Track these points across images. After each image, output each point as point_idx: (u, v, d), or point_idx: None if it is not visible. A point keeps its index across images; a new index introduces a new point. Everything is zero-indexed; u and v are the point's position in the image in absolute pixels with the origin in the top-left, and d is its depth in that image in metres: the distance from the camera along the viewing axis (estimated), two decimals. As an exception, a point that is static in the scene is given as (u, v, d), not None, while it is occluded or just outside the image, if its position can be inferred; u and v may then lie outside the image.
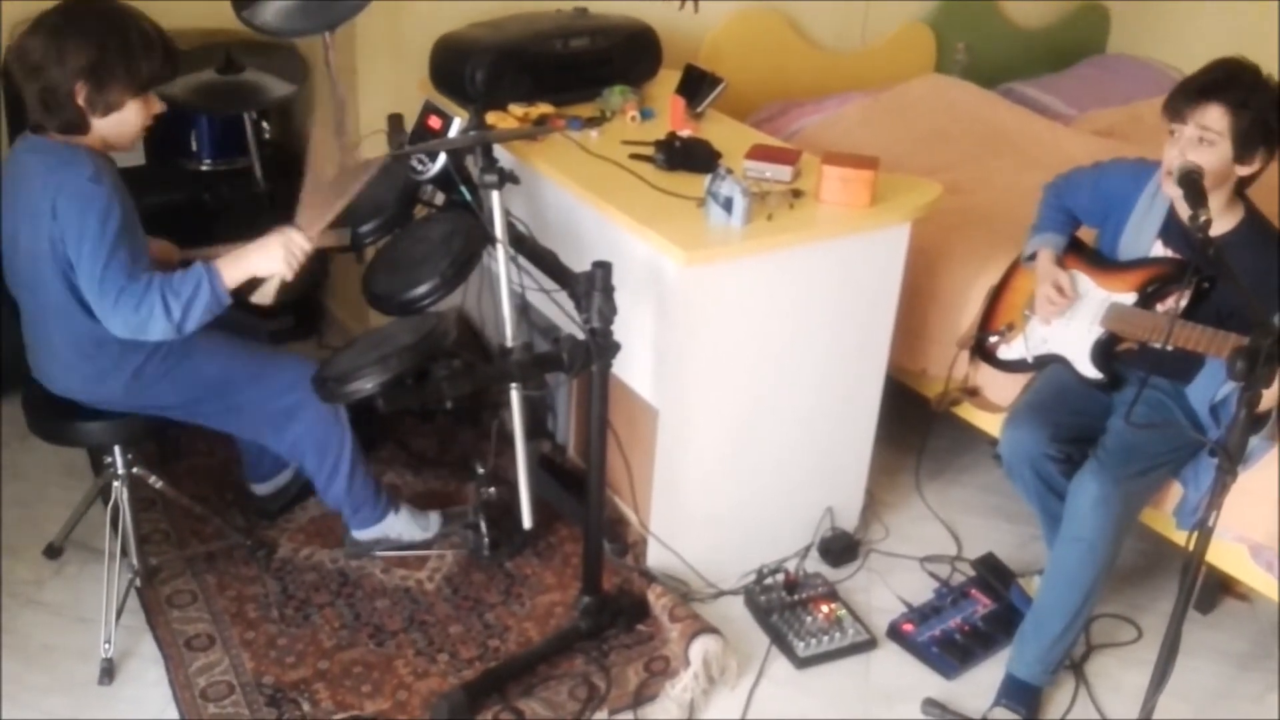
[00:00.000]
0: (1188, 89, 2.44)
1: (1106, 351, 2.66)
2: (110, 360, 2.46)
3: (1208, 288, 2.47)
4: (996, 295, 2.94)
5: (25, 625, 2.70)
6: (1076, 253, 2.76)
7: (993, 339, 2.89)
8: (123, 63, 2.32)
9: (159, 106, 2.45)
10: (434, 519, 2.99)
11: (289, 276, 2.42)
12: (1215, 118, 2.39)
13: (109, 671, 2.56)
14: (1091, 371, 2.67)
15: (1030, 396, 2.76)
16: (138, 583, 2.74)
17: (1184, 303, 2.46)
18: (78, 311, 2.39)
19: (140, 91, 2.37)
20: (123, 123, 2.38)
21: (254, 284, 2.43)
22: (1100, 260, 2.72)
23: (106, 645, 2.56)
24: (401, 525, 2.92)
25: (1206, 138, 2.40)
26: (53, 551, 2.89)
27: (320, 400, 2.59)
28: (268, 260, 2.39)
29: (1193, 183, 2.16)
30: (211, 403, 2.61)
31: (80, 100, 2.31)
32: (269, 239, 2.40)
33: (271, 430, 2.69)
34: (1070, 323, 2.71)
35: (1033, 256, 2.78)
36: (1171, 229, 2.58)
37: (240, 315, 2.86)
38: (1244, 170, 2.45)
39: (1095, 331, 2.66)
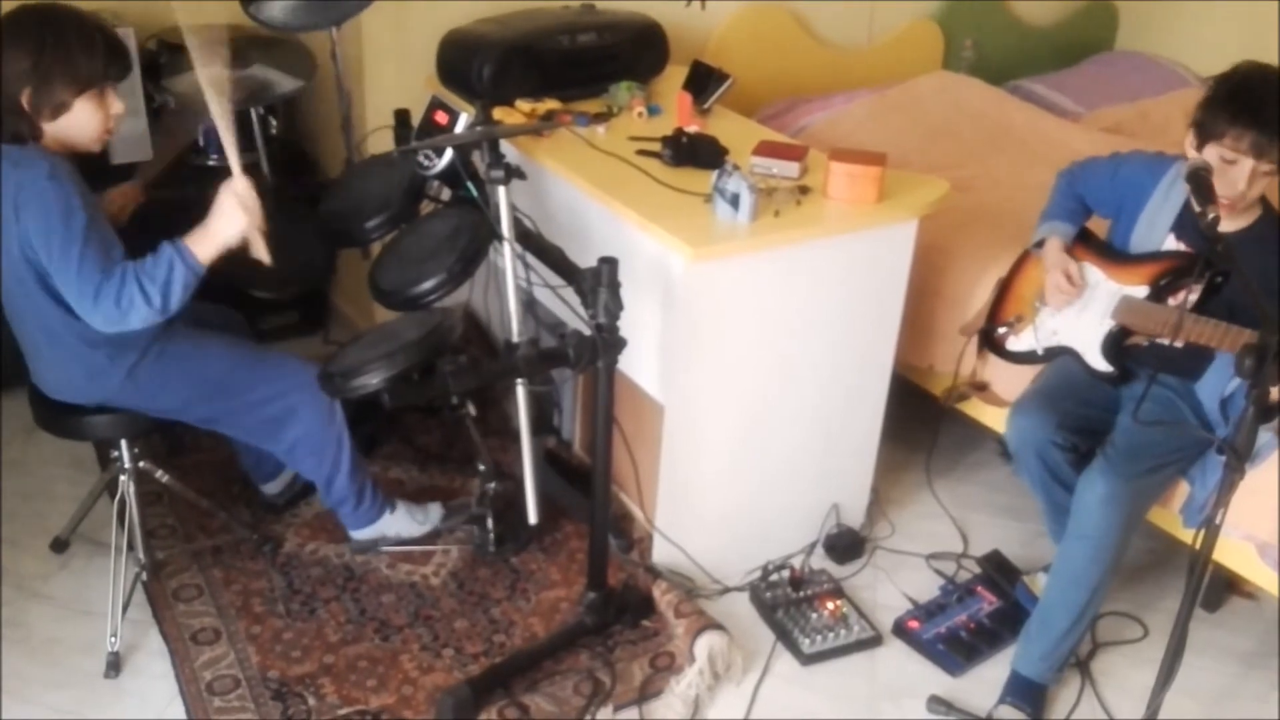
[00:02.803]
0: (1269, 128, 2.34)
1: (1117, 345, 2.65)
2: (103, 359, 2.46)
3: (1220, 282, 2.46)
4: (1005, 286, 2.94)
5: (31, 618, 2.70)
6: (1087, 244, 2.75)
7: (1001, 330, 2.89)
8: (61, 61, 2.30)
9: (118, 106, 2.43)
10: (434, 510, 2.99)
11: (260, 224, 2.37)
12: None
13: (115, 665, 2.57)
14: (1102, 364, 2.67)
15: (1039, 384, 2.75)
16: (144, 576, 2.75)
17: (1195, 297, 2.45)
18: (60, 314, 2.38)
19: (85, 89, 2.34)
20: (76, 124, 2.37)
21: (245, 252, 2.40)
22: (1112, 252, 2.71)
23: (112, 639, 2.57)
24: (399, 524, 2.92)
25: (1267, 170, 2.38)
26: (59, 545, 2.90)
27: (321, 398, 2.60)
28: (229, 221, 2.35)
29: (1201, 180, 2.16)
30: (208, 405, 2.60)
31: (25, 104, 2.30)
32: (218, 202, 2.36)
33: (267, 434, 2.69)
34: (1081, 315, 2.70)
35: (1041, 243, 2.77)
36: (1185, 223, 2.57)
37: (228, 312, 2.86)
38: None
39: (1106, 324, 2.65)
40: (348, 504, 2.83)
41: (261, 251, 2.40)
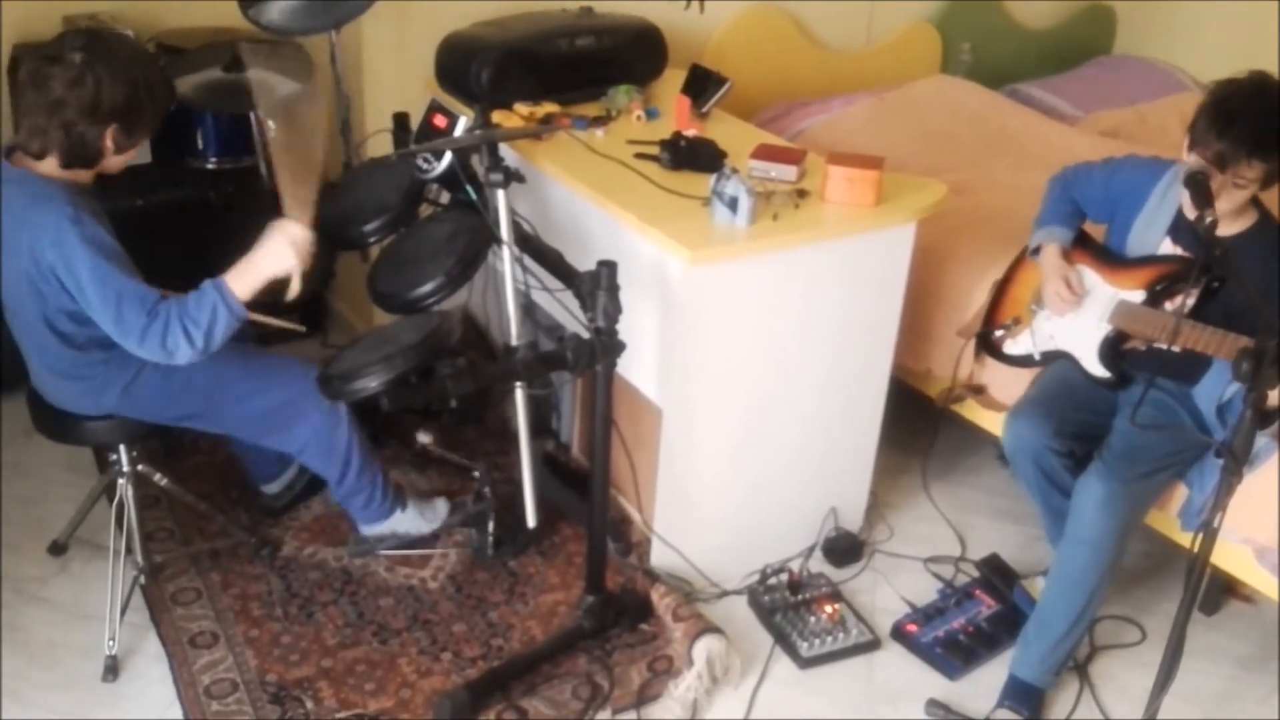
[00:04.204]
0: (1234, 142, 2.34)
1: (1114, 349, 2.65)
2: (99, 378, 2.46)
3: (1217, 287, 2.46)
4: (1001, 289, 2.94)
5: (29, 622, 2.70)
6: (1084, 248, 2.75)
7: (998, 333, 2.89)
8: (151, 107, 2.33)
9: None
10: (440, 506, 3.00)
11: (305, 267, 2.39)
12: (1254, 169, 2.36)
13: (113, 669, 2.56)
14: (1099, 369, 2.67)
15: (1035, 390, 2.76)
16: (142, 580, 2.75)
17: (1192, 301, 2.45)
18: (55, 343, 2.39)
19: (152, 133, 2.38)
20: (125, 161, 2.39)
21: (278, 288, 2.41)
22: (1109, 257, 2.71)
23: (110, 642, 2.57)
24: (409, 521, 2.93)
25: (1240, 184, 2.38)
26: (57, 549, 2.89)
27: (324, 398, 2.60)
28: (278, 260, 2.36)
29: (1199, 184, 2.16)
30: (210, 413, 2.60)
31: (108, 141, 2.30)
32: (271, 239, 2.37)
33: (275, 435, 2.69)
34: (1078, 319, 2.70)
35: (1038, 250, 2.78)
36: (1181, 227, 2.58)
37: None
38: (1269, 190, 2.44)
39: (1103, 329, 2.65)
40: (358, 499, 2.83)
41: (296, 289, 2.40)
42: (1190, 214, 2.43)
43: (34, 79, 2.27)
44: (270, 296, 2.41)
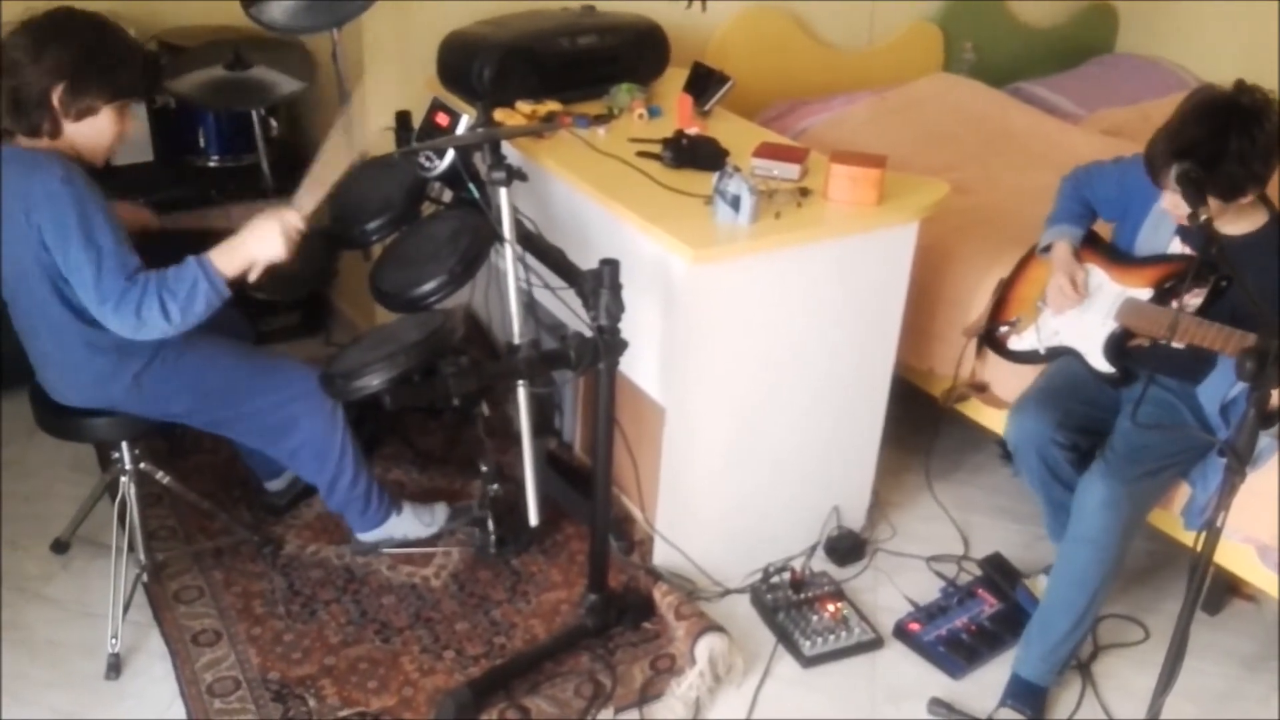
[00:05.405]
0: (1163, 154, 2.33)
1: (1119, 346, 2.65)
2: (109, 365, 2.46)
3: (1225, 286, 2.45)
4: (1008, 287, 2.94)
5: (32, 620, 2.70)
6: (1092, 246, 2.75)
7: (1003, 329, 2.89)
8: (102, 64, 2.31)
9: (132, 125, 2.44)
10: (440, 511, 3.00)
11: (286, 256, 2.38)
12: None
13: (115, 666, 2.57)
14: (1104, 365, 2.67)
15: (1040, 384, 2.76)
16: (144, 578, 2.75)
17: (1199, 300, 2.45)
18: (69, 318, 2.38)
19: (116, 98, 2.35)
20: (96, 131, 2.37)
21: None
22: (1116, 255, 2.71)
23: (113, 640, 2.57)
24: (405, 525, 2.93)
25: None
26: (60, 547, 2.90)
27: (323, 401, 2.60)
28: (266, 245, 2.36)
29: (1192, 181, 2.15)
30: (213, 410, 2.61)
31: (55, 101, 2.30)
32: (262, 222, 2.36)
33: (271, 439, 2.70)
34: (1084, 316, 2.70)
35: (1048, 248, 2.77)
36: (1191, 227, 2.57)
37: (232, 314, 2.86)
38: (1241, 202, 2.42)
39: (1109, 325, 2.65)
40: (353, 508, 2.83)
41: (253, 275, 2.40)
42: (1175, 212, 2.43)
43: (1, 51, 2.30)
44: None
